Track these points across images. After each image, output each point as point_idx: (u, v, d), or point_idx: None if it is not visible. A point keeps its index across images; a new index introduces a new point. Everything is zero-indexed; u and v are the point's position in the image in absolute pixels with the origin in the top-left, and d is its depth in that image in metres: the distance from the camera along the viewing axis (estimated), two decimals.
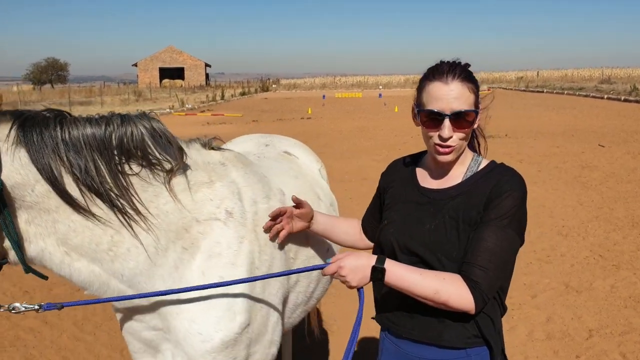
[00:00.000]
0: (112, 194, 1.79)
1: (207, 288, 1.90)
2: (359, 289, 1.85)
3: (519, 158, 12.63)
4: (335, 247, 2.74)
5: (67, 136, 1.75)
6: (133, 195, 1.82)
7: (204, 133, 19.10)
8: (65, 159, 1.74)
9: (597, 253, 6.44)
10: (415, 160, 2.10)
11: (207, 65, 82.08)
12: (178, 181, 1.95)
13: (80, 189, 1.76)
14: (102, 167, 1.78)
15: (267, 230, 2.18)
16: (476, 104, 1.85)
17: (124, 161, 1.82)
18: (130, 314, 2.08)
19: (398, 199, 2.04)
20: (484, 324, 1.82)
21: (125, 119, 1.86)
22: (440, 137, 1.82)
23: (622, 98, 30.76)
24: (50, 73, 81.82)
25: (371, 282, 1.86)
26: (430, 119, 1.84)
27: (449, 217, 1.84)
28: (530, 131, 17.70)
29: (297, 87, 70.26)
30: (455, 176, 1.92)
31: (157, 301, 1.95)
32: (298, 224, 2.23)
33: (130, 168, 1.84)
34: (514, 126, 18.78)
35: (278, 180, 2.52)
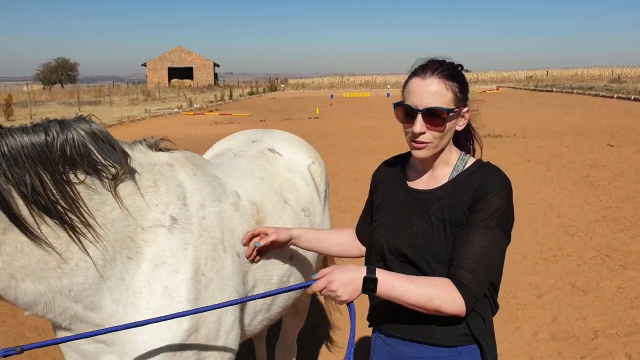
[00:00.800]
0: (60, 208, 1.69)
1: (171, 318, 1.80)
2: (349, 303, 1.77)
3: (527, 157, 12.57)
4: (303, 254, 2.68)
5: (5, 149, 1.62)
6: (81, 207, 1.73)
7: (212, 133, 19.10)
8: (10, 175, 1.61)
9: (604, 253, 6.40)
10: (405, 160, 2.09)
11: (215, 65, 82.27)
12: (123, 186, 1.88)
13: (29, 208, 1.65)
14: (46, 179, 1.67)
15: (246, 248, 2.19)
16: (456, 103, 1.83)
17: (68, 170, 1.73)
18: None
19: (387, 200, 2.03)
20: (474, 322, 1.82)
21: (64, 124, 1.75)
22: (412, 132, 1.83)
23: (632, 97, 30.51)
24: (60, 73, 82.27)
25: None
26: (405, 114, 1.85)
27: (436, 218, 1.84)
28: (539, 130, 17.61)
29: (305, 86, 70.25)
30: (442, 176, 1.92)
31: (102, 314, 1.87)
32: (277, 243, 2.20)
33: (76, 176, 1.75)
34: (523, 125, 18.69)
35: (236, 182, 2.45)
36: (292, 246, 2.57)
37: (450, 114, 1.81)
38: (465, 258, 1.75)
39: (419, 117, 1.80)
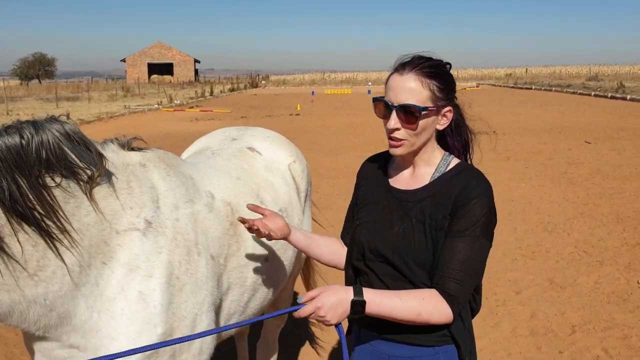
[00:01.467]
0: (37, 214, 1.63)
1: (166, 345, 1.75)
2: (337, 325, 1.74)
3: (507, 155, 12.69)
4: (278, 256, 2.67)
5: None
6: (58, 212, 1.67)
7: (192, 129, 18.93)
8: None
9: (582, 249, 6.49)
10: (388, 157, 2.04)
11: (196, 61, 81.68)
12: (98, 189, 1.83)
13: (6, 215, 1.58)
14: (23, 185, 1.61)
15: (243, 222, 2.10)
16: (434, 101, 1.79)
17: (44, 173, 1.66)
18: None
19: (369, 198, 2.01)
20: (454, 324, 1.81)
21: (38, 125, 1.68)
22: (387, 128, 1.82)
23: (609, 95, 30.99)
24: (37, 68, 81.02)
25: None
26: (383, 110, 1.84)
27: (417, 220, 1.82)
28: (518, 128, 17.79)
29: (286, 83, 70.14)
30: (423, 176, 1.89)
31: (75, 319, 1.83)
32: (276, 233, 2.10)
33: (52, 180, 1.69)
34: (502, 122, 18.86)
35: (211, 182, 2.42)
36: (267, 248, 2.55)
37: (423, 112, 1.77)
38: (451, 268, 1.74)
39: (394, 114, 1.79)
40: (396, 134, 1.81)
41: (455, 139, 1.98)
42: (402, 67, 1.81)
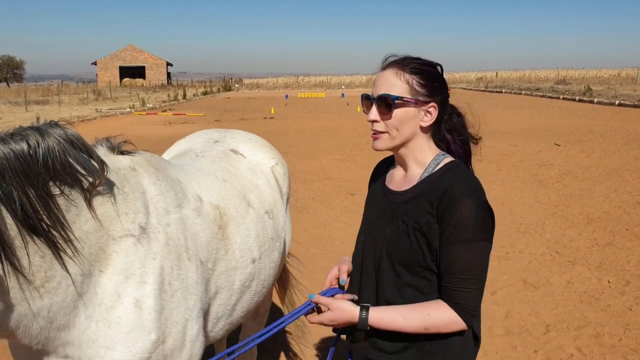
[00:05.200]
0: (44, 225, 1.59)
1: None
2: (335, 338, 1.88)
3: (479, 157, 12.59)
4: (264, 258, 2.68)
5: None
6: (62, 221, 1.64)
7: (165, 133, 18.73)
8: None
9: (554, 249, 6.60)
10: (393, 159, 2.05)
11: (168, 64, 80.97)
12: (96, 196, 1.80)
13: (17, 226, 1.54)
14: (32, 195, 1.57)
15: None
16: (413, 95, 1.80)
17: (49, 181, 1.63)
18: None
19: (369, 199, 2.05)
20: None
21: (42, 132, 1.63)
22: (368, 120, 1.87)
23: (577, 98, 31.62)
24: (5, 71, 79.43)
25: None
26: (366, 105, 1.90)
27: (402, 221, 1.82)
28: (489, 130, 18.01)
29: (259, 86, 69.92)
30: (414, 177, 1.88)
31: (74, 330, 1.80)
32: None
33: (57, 187, 1.65)
34: (474, 125, 19.09)
35: (198, 185, 2.41)
36: (254, 250, 2.54)
37: (397, 101, 1.79)
38: (452, 277, 1.73)
39: (373, 106, 1.84)
40: (375, 126, 1.85)
41: (457, 144, 1.97)
42: (383, 65, 1.87)
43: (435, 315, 1.73)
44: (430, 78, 1.84)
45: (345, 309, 1.81)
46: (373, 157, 13.06)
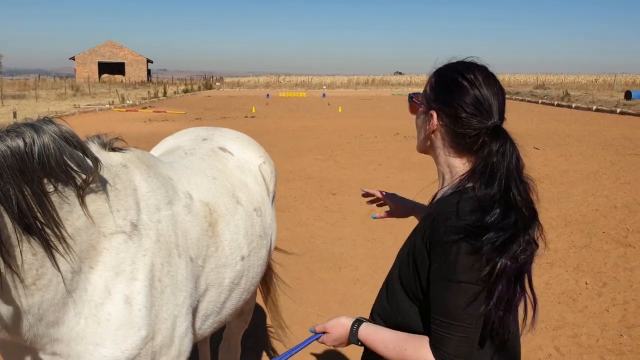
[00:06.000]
0: (38, 223, 1.57)
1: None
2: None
3: None
4: (253, 256, 2.67)
5: None
6: (55, 218, 1.62)
7: (146, 130, 18.56)
8: None
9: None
10: None
11: (149, 61, 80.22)
12: (88, 193, 1.78)
13: (13, 226, 1.52)
14: (27, 192, 1.54)
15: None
16: (428, 100, 1.73)
17: (43, 179, 1.61)
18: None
19: None
20: None
21: (37, 128, 1.61)
22: None
23: (555, 103, 32.11)
24: None
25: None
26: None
27: (409, 240, 1.72)
28: None
29: (240, 85, 69.72)
30: (438, 193, 1.78)
31: (63, 327, 1.77)
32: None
33: (51, 184, 1.63)
34: None
35: (188, 182, 2.40)
36: (244, 248, 2.53)
37: (413, 99, 1.82)
38: (434, 317, 1.57)
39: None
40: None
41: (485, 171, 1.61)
42: None
43: (411, 353, 1.60)
44: (442, 82, 1.70)
45: (342, 324, 1.79)
46: (354, 157, 13.14)
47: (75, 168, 1.70)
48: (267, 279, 3.90)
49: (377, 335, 1.71)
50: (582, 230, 7.46)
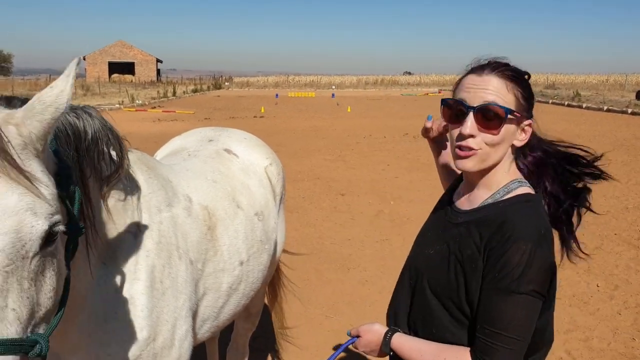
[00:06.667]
0: (90, 211, 1.60)
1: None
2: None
3: None
4: (252, 261, 2.64)
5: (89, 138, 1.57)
6: (93, 202, 1.63)
7: (155, 130, 18.64)
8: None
9: None
10: None
11: (158, 60, 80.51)
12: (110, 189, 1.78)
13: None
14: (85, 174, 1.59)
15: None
16: (517, 108, 1.56)
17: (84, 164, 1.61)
18: None
19: (436, 206, 1.87)
20: None
21: (90, 113, 1.63)
22: (460, 134, 1.55)
23: (566, 103, 31.87)
24: None
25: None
26: (453, 112, 1.59)
27: (447, 246, 1.62)
28: None
29: (250, 85, 69.78)
30: (476, 199, 1.64)
31: (73, 324, 1.76)
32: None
33: (89, 170, 1.65)
34: None
35: (188, 185, 2.38)
36: (242, 253, 2.50)
37: (509, 116, 1.53)
38: (484, 327, 1.49)
39: (470, 116, 1.53)
40: (469, 142, 1.54)
41: (539, 167, 1.71)
42: (480, 68, 1.59)
43: None
44: (529, 89, 1.62)
45: (374, 330, 1.75)
46: (363, 158, 13.10)
47: (115, 159, 1.72)
48: (275, 284, 3.87)
49: (413, 344, 1.66)
50: (594, 232, 7.38)
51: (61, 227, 1.24)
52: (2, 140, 1.13)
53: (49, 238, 1.21)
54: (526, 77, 1.64)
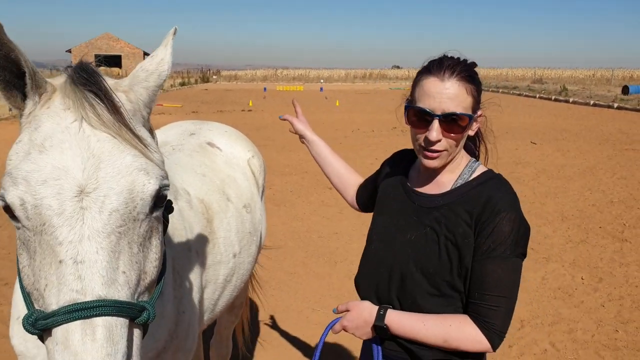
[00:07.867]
0: None
1: None
2: (372, 343, 1.79)
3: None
4: (243, 255, 2.66)
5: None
6: None
7: None
8: None
9: (529, 246, 6.64)
10: (413, 156, 1.90)
11: (145, 53, 79.85)
12: None
13: None
14: None
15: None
16: (474, 108, 1.70)
17: None
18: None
19: (387, 197, 1.91)
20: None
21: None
22: (426, 139, 1.67)
23: (553, 98, 32.05)
24: None
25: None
26: (418, 118, 1.69)
27: (431, 229, 1.72)
28: None
29: (238, 78, 69.50)
30: (445, 183, 1.77)
31: None
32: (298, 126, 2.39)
33: None
34: None
35: (182, 179, 2.38)
36: (235, 245, 2.50)
37: (471, 121, 1.68)
38: (483, 294, 1.64)
39: (435, 124, 1.64)
40: (436, 146, 1.67)
41: (473, 142, 1.93)
42: (439, 69, 1.67)
43: (457, 328, 1.64)
44: (479, 83, 1.75)
45: (365, 306, 1.76)
46: (351, 152, 13.08)
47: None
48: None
49: (413, 316, 1.70)
50: (579, 225, 7.45)
51: (168, 191, 1.27)
52: (117, 103, 1.19)
53: (157, 203, 1.23)
54: (475, 70, 1.76)
